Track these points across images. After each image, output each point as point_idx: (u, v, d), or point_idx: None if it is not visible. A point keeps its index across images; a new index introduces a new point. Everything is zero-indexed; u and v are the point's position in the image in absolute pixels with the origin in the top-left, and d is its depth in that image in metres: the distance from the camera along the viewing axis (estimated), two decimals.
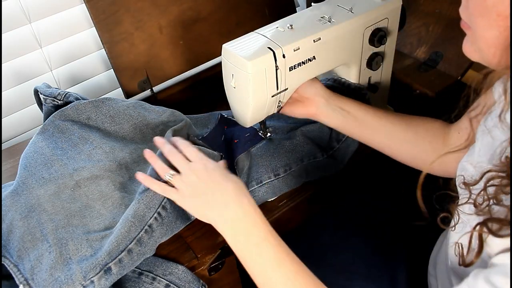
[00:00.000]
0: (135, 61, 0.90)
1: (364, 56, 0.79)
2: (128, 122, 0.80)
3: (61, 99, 0.81)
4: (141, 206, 0.65)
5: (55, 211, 0.68)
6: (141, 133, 0.81)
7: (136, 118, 0.80)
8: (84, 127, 0.78)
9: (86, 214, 0.69)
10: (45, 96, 0.81)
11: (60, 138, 0.77)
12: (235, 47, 0.67)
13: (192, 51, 0.96)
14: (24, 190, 0.70)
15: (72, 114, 0.79)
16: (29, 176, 0.72)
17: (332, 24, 0.71)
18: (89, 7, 0.83)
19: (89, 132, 0.77)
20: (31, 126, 0.97)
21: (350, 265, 0.77)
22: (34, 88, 0.83)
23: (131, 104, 0.81)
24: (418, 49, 0.98)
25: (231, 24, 0.98)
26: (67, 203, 0.69)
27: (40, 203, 0.68)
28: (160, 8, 0.89)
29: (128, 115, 0.80)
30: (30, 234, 0.65)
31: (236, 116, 0.76)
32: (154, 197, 0.66)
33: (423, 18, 0.99)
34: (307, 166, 0.78)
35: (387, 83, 0.88)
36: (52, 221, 0.66)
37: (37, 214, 0.67)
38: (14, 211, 0.68)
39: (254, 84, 0.67)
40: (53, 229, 0.65)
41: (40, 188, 0.70)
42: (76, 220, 0.68)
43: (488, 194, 0.46)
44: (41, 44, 0.91)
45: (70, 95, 0.81)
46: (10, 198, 0.70)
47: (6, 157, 0.88)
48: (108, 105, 0.79)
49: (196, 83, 1.02)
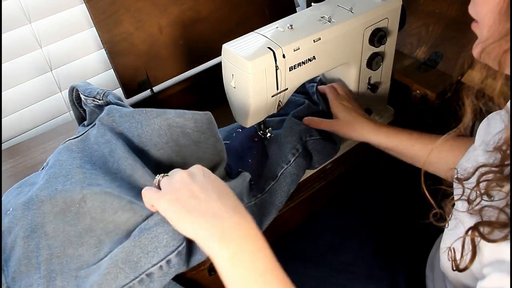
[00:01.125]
0: (135, 61, 0.90)
1: (364, 56, 0.79)
2: (156, 147, 0.67)
3: (101, 98, 0.74)
4: (136, 250, 0.56)
5: (55, 235, 0.64)
6: (169, 161, 0.67)
7: (166, 143, 0.67)
8: (113, 139, 0.68)
9: (84, 242, 0.62)
10: (85, 96, 0.75)
11: (96, 151, 0.70)
12: (235, 47, 0.67)
13: (192, 51, 0.96)
14: (34, 205, 0.66)
15: (106, 123, 0.70)
16: (46, 188, 0.67)
17: (332, 24, 0.71)
18: (89, 7, 0.83)
19: (115, 147, 0.67)
20: (31, 126, 0.97)
21: (351, 265, 0.78)
22: (71, 86, 0.77)
23: (165, 122, 0.67)
24: (418, 49, 0.98)
25: (231, 24, 0.98)
26: (69, 226, 0.64)
27: (43, 223, 0.64)
28: (160, 8, 0.89)
29: (157, 137, 0.67)
30: (27, 258, 0.63)
31: (236, 116, 0.76)
32: (158, 238, 0.56)
33: (423, 18, 0.99)
34: (307, 146, 0.79)
35: (387, 83, 0.88)
36: (49, 248, 0.63)
37: (37, 237, 0.64)
38: (20, 227, 0.65)
39: (254, 84, 0.67)
40: (48, 258, 0.62)
41: (48, 202, 0.66)
42: (71, 249, 0.62)
43: (480, 189, 0.46)
44: (41, 44, 0.91)
45: (108, 94, 0.74)
46: (21, 210, 0.66)
47: (6, 157, 0.88)
48: (137, 120, 0.68)
49: (196, 83, 1.02)
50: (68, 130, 0.93)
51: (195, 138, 0.67)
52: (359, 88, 0.84)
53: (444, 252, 0.55)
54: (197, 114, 0.68)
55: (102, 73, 1.00)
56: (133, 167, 0.64)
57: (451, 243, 0.52)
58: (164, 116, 0.67)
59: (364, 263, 0.78)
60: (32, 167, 0.86)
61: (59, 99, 0.98)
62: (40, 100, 0.96)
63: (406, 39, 1.00)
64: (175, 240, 0.57)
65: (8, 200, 0.70)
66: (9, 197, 0.71)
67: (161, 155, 0.66)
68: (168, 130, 0.66)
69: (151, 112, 0.67)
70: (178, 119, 0.67)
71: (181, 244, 0.58)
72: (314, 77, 0.77)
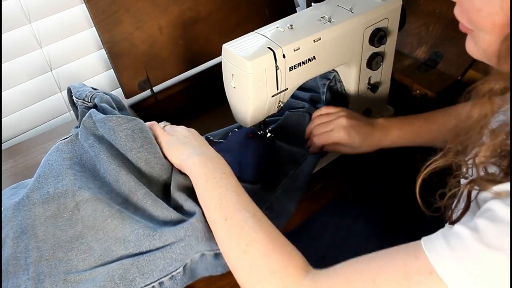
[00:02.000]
0: (135, 61, 0.90)
1: (364, 56, 0.79)
2: (132, 151, 0.69)
3: (89, 101, 0.75)
4: (133, 269, 0.59)
5: (45, 238, 0.64)
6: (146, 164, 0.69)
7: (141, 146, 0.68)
8: (96, 143, 0.69)
9: (74, 247, 0.63)
10: (77, 98, 0.76)
11: (86, 153, 0.71)
12: (235, 47, 0.67)
13: (192, 51, 0.96)
14: (25, 206, 0.66)
15: (88, 127, 0.71)
16: (36, 189, 0.68)
17: (332, 24, 0.71)
18: (89, 7, 0.83)
19: (99, 151, 0.69)
20: (31, 126, 0.97)
21: None
22: (68, 87, 0.78)
23: (137, 126, 0.69)
24: (418, 49, 0.98)
25: (231, 24, 0.98)
26: (60, 231, 0.65)
27: (34, 225, 0.65)
28: (160, 8, 0.89)
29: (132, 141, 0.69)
30: (15, 259, 0.63)
31: (236, 116, 0.76)
32: (156, 262, 0.60)
33: (423, 18, 0.99)
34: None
35: (387, 83, 0.88)
36: (38, 250, 0.63)
37: (27, 238, 0.64)
38: (10, 227, 0.65)
39: (254, 84, 0.67)
40: (37, 260, 0.62)
41: (41, 206, 0.66)
42: (61, 253, 0.63)
43: (477, 163, 0.46)
44: (41, 44, 0.91)
45: (96, 96, 0.74)
46: (12, 211, 0.67)
47: (6, 157, 0.88)
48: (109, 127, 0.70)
49: (196, 83, 1.02)
50: (68, 130, 0.92)
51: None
52: (359, 88, 0.84)
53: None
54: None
55: (102, 73, 1.00)
56: (118, 173, 0.66)
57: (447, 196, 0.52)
58: (135, 121, 0.69)
59: None
60: (32, 167, 0.86)
61: (59, 99, 0.98)
62: (40, 100, 0.96)
63: (406, 39, 1.00)
64: (171, 267, 0.60)
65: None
66: (3, 197, 0.71)
67: (139, 158, 0.68)
68: (141, 133, 0.68)
69: (122, 118, 0.69)
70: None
71: (176, 270, 0.61)
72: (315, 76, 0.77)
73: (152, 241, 0.61)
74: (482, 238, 0.40)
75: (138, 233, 0.61)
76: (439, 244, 0.43)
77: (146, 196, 0.65)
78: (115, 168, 0.66)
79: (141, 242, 0.61)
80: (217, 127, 0.89)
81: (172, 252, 0.60)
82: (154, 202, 0.65)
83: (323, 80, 0.85)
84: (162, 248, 0.60)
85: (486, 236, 0.40)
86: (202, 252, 0.64)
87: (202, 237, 0.62)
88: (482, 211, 0.43)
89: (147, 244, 0.61)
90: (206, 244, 0.63)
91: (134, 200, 0.66)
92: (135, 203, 0.66)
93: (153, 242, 0.61)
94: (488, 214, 0.42)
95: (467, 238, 0.41)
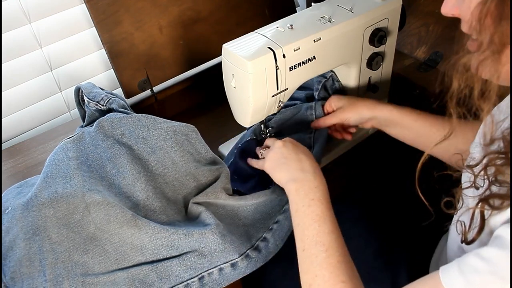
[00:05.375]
0: (135, 61, 0.90)
1: (364, 56, 0.79)
2: (161, 150, 0.71)
3: (104, 105, 0.76)
4: (152, 275, 0.64)
5: (59, 240, 0.65)
6: (173, 165, 0.72)
7: (171, 148, 0.72)
8: (116, 145, 0.71)
9: (89, 249, 0.65)
10: (89, 99, 0.77)
11: (93, 152, 0.71)
12: (235, 47, 0.67)
13: (192, 51, 0.96)
14: (34, 206, 0.66)
15: (107, 127, 0.72)
16: (44, 188, 0.67)
17: (332, 24, 0.71)
18: (89, 7, 0.83)
19: (119, 153, 0.70)
20: (31, 126, 0.97)
21: None
22: (77, 87, 0.78)
23: (171, 128, 0.72)
24: (418, 49, 0.98)
25: (231, 24, 0.98)
26: (73, 233, 0.65)
27: (46, 226, 0.65)
28: (160, 8, 0.89)
29: (163, 141, 0.72)
30: (29, 260, 0.63)
31: (236, 116, 0.76)
32: (172, 269, 0.64)
33: (423, 18, 0.99)
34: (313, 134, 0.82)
35: (387, 83, 0.88)
36: (53, 252, 0.64)
37: (40, 239, 0.64)
38: (20, 228, 0.65)
39: (254, 84, 0.67)
40: (53, 262, 0.63)
41: (50, 206, 0.66)
42: (77, 256, 0.64)
43: (488, 175, 0.47)
44: (41, 44, 0.91)
45: (113, 101, 0.75)
46: (20, 211, 0.66)
47: (6, 157, 0.88)
48: (144, 124, 0.72)
49: (196, 83, 1.02)
50: (68, 130, 0.93)
51: (197, 148, 0.74)
52: (359, 88, 0.84)
53: (453, 225, 0.57)
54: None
55: (102, 73, 1.00)
56: (136, 179, 0.69)
57: (460, 215, 0.53)
58: (170, 123, 0.72)
59: (364, 264, 0.77)
60: (32, 167, 0.86)
61: (59, 99, 0.98)
62: (40, 100, 0.96)
63: (406, 39, 1.00)
64: (186, 274, 0.65)
65: (6, 199, 0.70)
66: (8, 195, 0.71)
67: (167, 158, 0.71)
68: (174, 135, 0.71)
69: (158, 119, 0.72)
70: (183, 128, 0.73)
71: (191, 278, 0.65)
72: (314, 76, 0.77)
73: (169, 251, 0.65)
74: (495, 270, 0.42)
75: (156, 244, 0.65)
76: (456, 279, 0.45)
77: (161, 210, 0.69)
78: (134, 174, 0.69)
79: (159, 251, 0.65)
80: (217, 127, 0.89)
81: (187, 260, 0.65)
82: (167, 218, 0.68)
83: (319, 77, 0.85)
84: (178, 256, 0.65)
85: (498, 268, 0.42)
86: (219, 266, 0.65)
87: (215, 249, 0.65)
88: (493, 238, 0.44)
89: (164, 253, 0.65)
90: (220, 256, 0.65)
91: (147, 208, 0.69)
92: (147, 212, 0.69)
93: (170, 252, 0.65)
94: (498, 242, 0.43)
95: (482, 272, 0.43)
